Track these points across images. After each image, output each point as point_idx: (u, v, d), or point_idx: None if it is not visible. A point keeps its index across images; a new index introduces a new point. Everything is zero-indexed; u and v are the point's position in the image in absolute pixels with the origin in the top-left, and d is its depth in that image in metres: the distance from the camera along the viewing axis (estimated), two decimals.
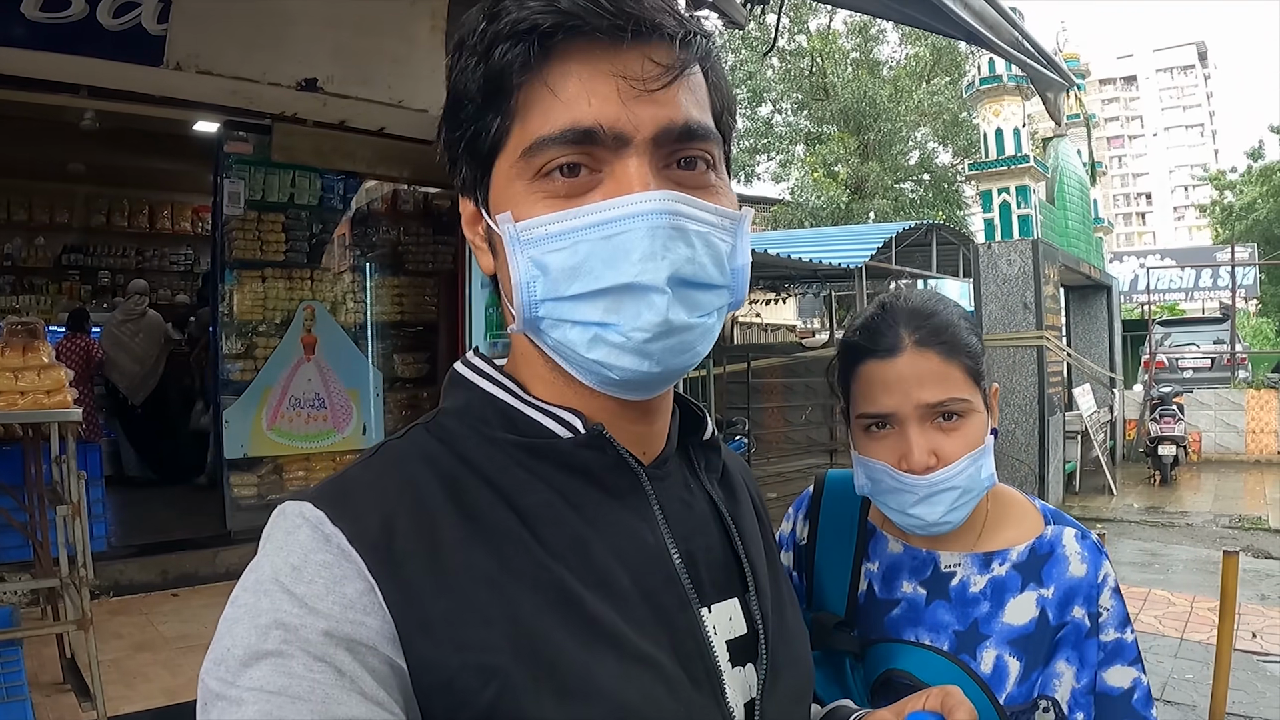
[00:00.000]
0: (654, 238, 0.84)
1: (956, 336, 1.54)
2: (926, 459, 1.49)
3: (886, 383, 1.52)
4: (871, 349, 1.54)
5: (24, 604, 5.35)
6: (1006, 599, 1.57)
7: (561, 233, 0.86)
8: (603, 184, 0.87)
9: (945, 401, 1.50)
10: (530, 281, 0.88)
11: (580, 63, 0.85)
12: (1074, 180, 15.55)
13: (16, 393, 4.14)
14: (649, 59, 0.86)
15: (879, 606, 1.64)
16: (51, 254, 10.35)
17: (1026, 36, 5.65)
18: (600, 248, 0.85)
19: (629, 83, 0.85)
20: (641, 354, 0.87)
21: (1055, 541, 1.61)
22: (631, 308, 0.85)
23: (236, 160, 7.35)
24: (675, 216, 0.86)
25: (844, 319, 23.95)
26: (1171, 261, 33.94)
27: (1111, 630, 1.56)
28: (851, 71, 27.93)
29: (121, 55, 5.40)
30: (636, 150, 0.86)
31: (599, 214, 0.85)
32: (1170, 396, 14.79)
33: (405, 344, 8.77)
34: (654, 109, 0.86)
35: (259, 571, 0.81)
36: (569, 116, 0.85)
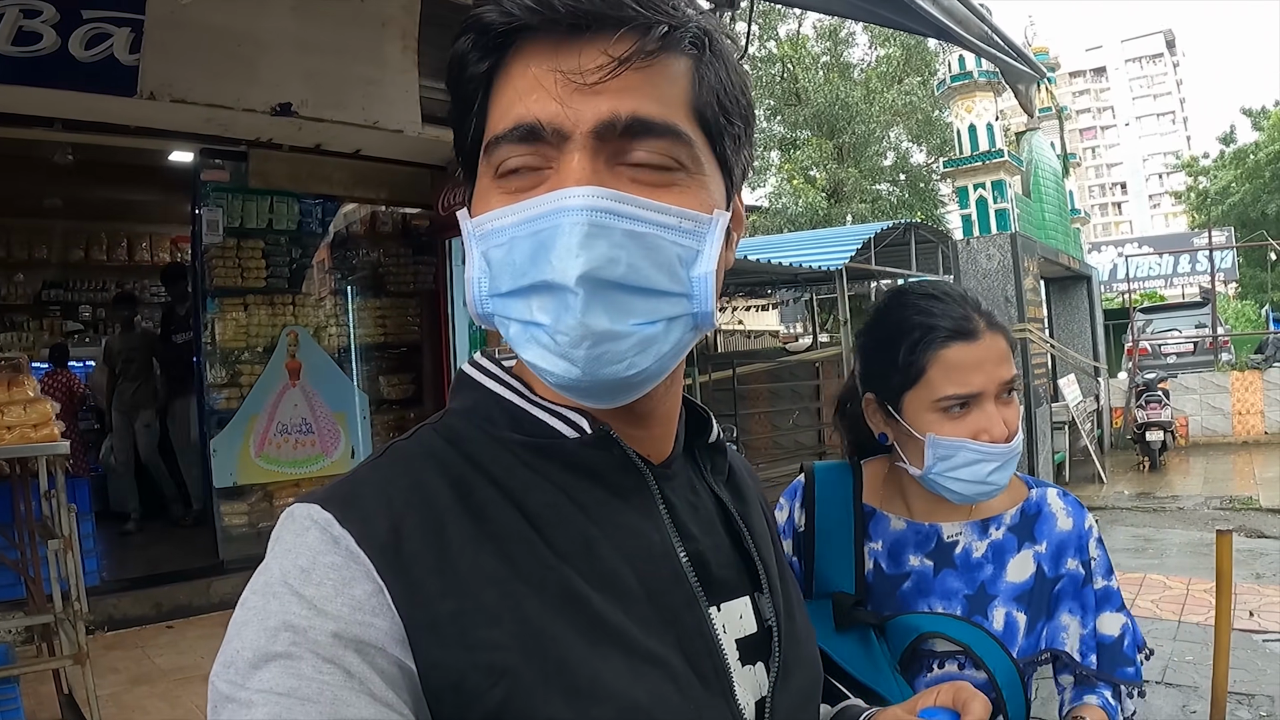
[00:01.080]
0: (570, 234, 0.81)
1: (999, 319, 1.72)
2: (1007, 430, 1.64)
3: (974, 363, 1.65)
4: (955, 335, 1.66)
5: (19, 641, 5.31)
6: (1007, 559, 1.73)
7: (499, 229, 0.86)
8: (548, 180, 0.85)
9: (1014, 377, 1.68)
10: (480, 276, 0.89)
11: (529, 59, 0.86)
12: (1049, 173, 15.63)
13: (3, 428, 4.12)
14: (603, 52, 0.83)
15: (889, 582, 1.76)
16: (31, 290, 10.32)
17: (996, 30, 5.67)
18: (528, 244, 0.84)
19: (567, 76, 0.83)
20: (566, 359, 0.84)
21: (1041, 502, 1.78)
22: (552, 308, 0.83)
23: (214, 188, 7.33)
24: (599, 213, 0.82)
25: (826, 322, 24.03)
26: (1149, 249, 34.20)
27: (1099, 578, 1.73)
28: (823, 75, 28.08)
29: (95, 87, 5.40)
30: (577, 145, 0.84)
31: (527, 210, 0.84)
32: (1155, 383, 14.83)
33: (390, 365, 8.76)
34: (596, 101, 0.84)
35: (268, 574, 0.81)
36: (516, 113, 0.85)
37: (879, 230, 13.47)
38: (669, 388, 0.97)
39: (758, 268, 12.77)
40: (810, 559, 1.80)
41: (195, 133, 6.52)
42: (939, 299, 1.71)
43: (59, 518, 4.21)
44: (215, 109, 5.98)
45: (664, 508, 0.96)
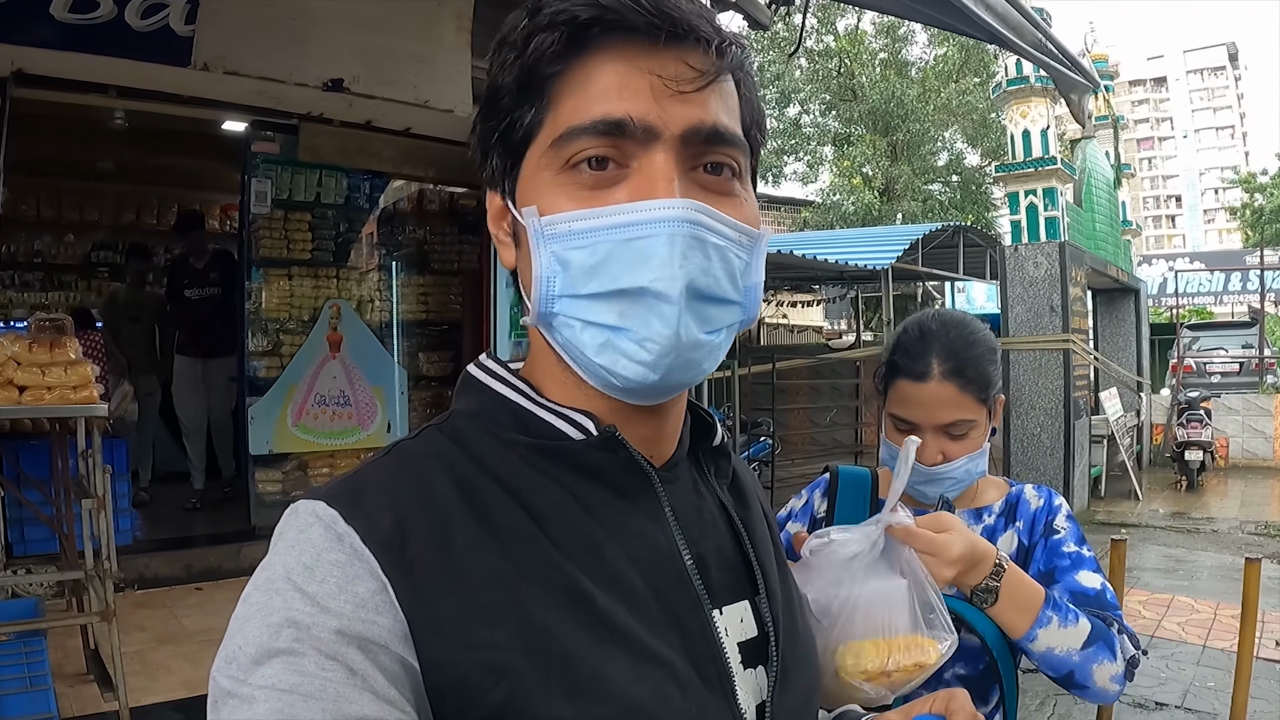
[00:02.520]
0: (673, 245, 0.84)
1: (974, 369, 1.93)
2: (935, 458, 1.93)
3: (915, 400, 1.94)
4: (906, 372, 1.96)
5: (49, 596, 5.41)
6: (997, 539, 1.99)
7: (584, 230, 0.86)
8: (628, 179, 0.87)
9: (956, 423, 1.92)
10: (550, 276, 0.88)
11: (615, 58, 0.87)
12: (1102, 182, 15.45)
13: (44, 388, 4.19)
14: (684, 62, 0.87)
15: None
16: (81, 252, 10.41)
17: (1050, 38, 5.64)
18: (620, 250, 0.85)
19: (663, 81, 0.86)
20: (648, 366, 0.87)
21: (1019, 492, 2.07)
22: (643, 316, 0.86)
23: (264, 159, 7.39)
24: (696, 226, 0.86)
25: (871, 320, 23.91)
26: (1200, 265, 33.77)
27: (1071, 544, 1.95)
28: (880, 72, 27.85)
29: (149, 56, 5.47)
30: (664, 146, 0.87)
31: (621, 215, 0.85)
32: (1198, 401, 14.64)
33: (430, 343, 8.83)
34: (685, 108, 0.87)
35: (271, 570, 0.82)
36: (601, 108, 0.86)
37: (927, 231, 13.39)
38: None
39: (804, 263, 12.73)
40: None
41: (247, 105, 6.58)
42: (920, 337, 1.98)
43: (94, 477, 4.27)
44: (267, 82, 6.04)
45: (669, 510, 0.96)
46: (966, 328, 2.00)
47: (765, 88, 28.28)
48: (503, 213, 0.97)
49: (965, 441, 1.93)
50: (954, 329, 1.98)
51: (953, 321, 2.03)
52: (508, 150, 0.93)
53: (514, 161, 0.93)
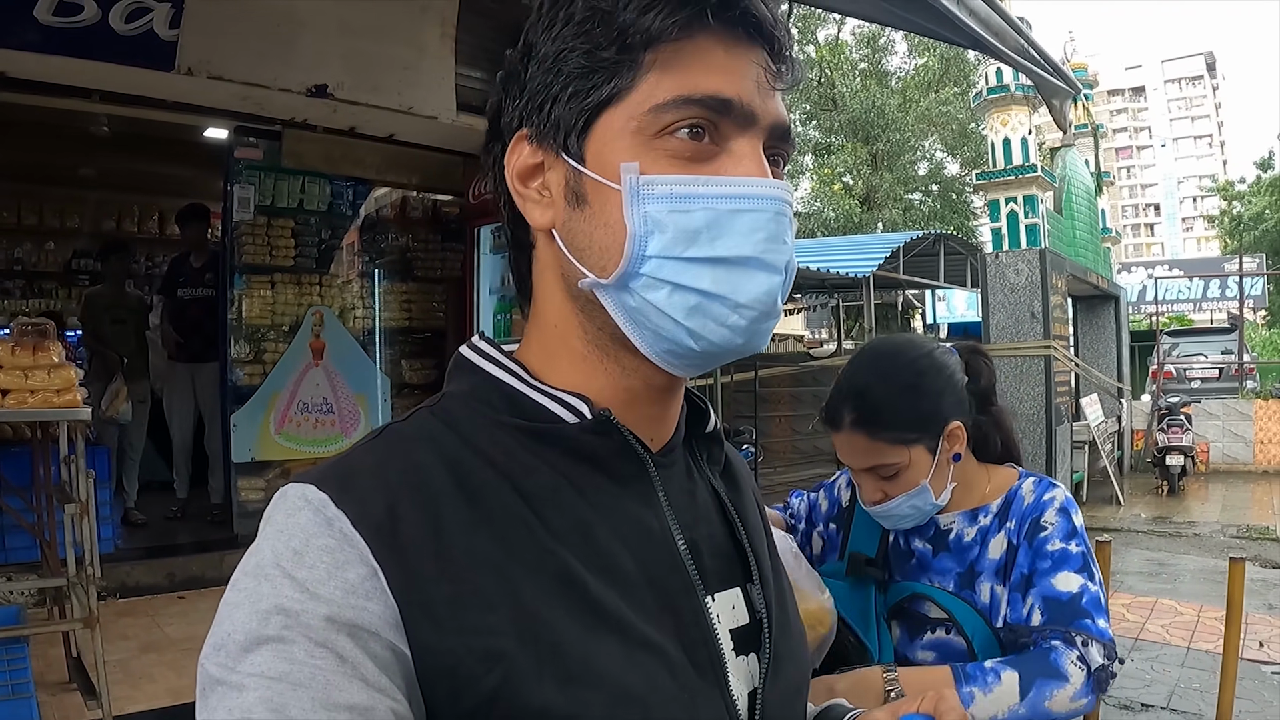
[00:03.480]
0: (779, 223, 0.89)
1: (886, 415, 1.93)
2: (874, 496, 1.98)
3: (838, 446, 1.98)
4: (827, 421, 2.00)
5: (31, 604, 5.37)
6: (989, 540, 1.98)
7: (689, 195, 0.87)
8: (722, 157, 0.89)
9: (875, 468, 1.95)
10: (645, 235, 0.87)
11: (726, 44, 0.89)
12: (1081, 190, 15.54)
13: (26, 391, 4.16)
14: (770, 60, 0.91)
15: (901, 556, 2.08)
16: (62, 259, 10.34)
17: (1033, 44, 5.67)
18: (727, 219, 0.87)
19: (765, 74, 0.90)
20: (737, 331, 0.89)
21: (1018, 489, 2.02)
22: (747, 282, 0.88)
23: (247, 166, 7.35)
24: (789, 206, 0.91)
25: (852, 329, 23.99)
26: (1180, 272, 33.92)
27: (1056, 540, 1.89)
28: (860, 82, 28.03)
29: (133, 60, 5.44)
30: (759, 132, 0.91)
31: (731, 187, 0.87)
32: (1178, 407, 14.70)
33: (413, 350, 8.78)
34: (773, 103, 0.92)
35: (259, 555, 0.81)
36: (712, 84, 0.87)
37: (908, 239, 13.45)
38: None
39: None
40: (847, 530, 2.18)
41: (231, 110, 6.54)
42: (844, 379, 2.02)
43: (77, 483, 4.24)
44: (251, 87, 6.02)
45: (662, 495, 0.96)
46: (890, 363, 2.01)
47: None
48: (536, 170, 0.95)
49: (898, 481, 1.94)
50: (876, 367, 2.01)
51: (878, 356, 2.06)
52: (582, 108, 0.91)
53: (589, 119, 0.91)
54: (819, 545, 2.28)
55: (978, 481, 2.05)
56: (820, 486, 2.36)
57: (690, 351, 0.91)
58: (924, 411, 1.94)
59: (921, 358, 2.00)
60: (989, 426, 2.11)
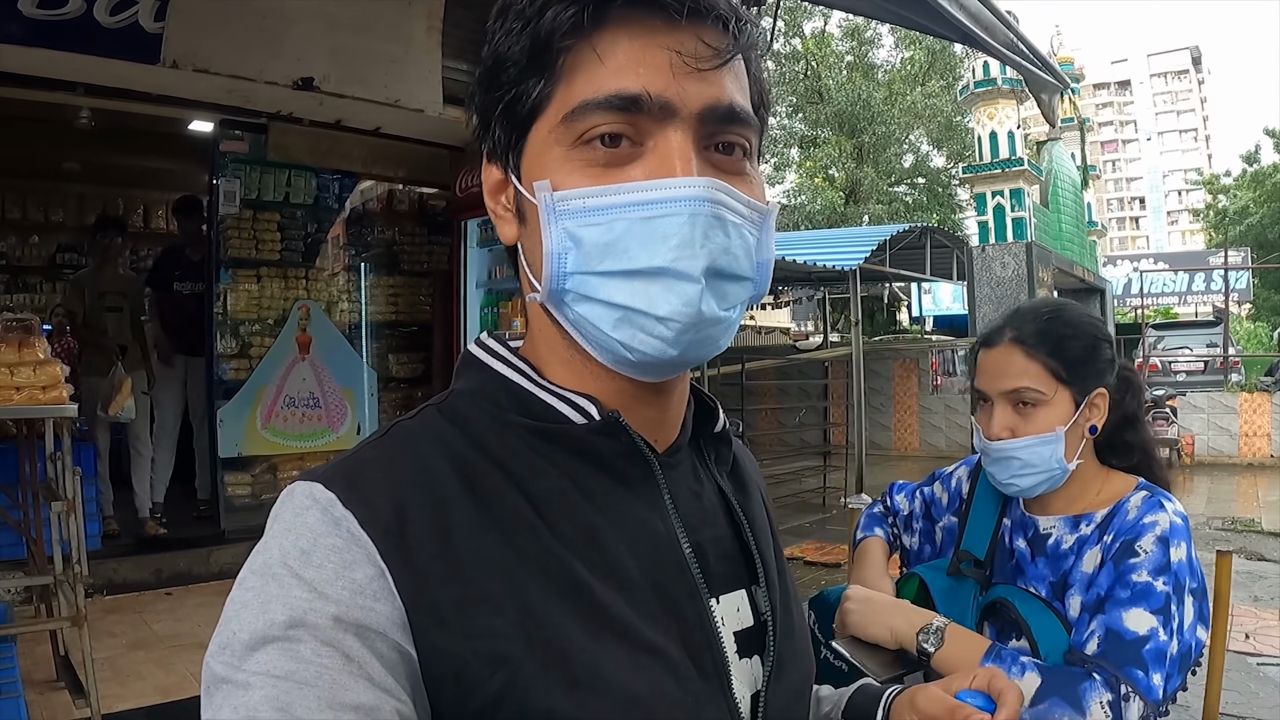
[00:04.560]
0: (694, 225, 0.84)
1: (1049, 342, 1.88)
2: (1000, 432, 1.89)
3: (985, 367, 1.95)
4: (983, 341, 1.98)
5: (18, 602, 5.35)
6: (1085, 552, 1.86)
7: (599, 208, 0.84)
8: (643, 157, 0.85)
9: (1018, 389, 1.88)
10: (562, 253, 0.86)
11: (632, 34, 0.84)
12: (1068, 184, 15.60)
13: (11, 388, 4.13)
14: (700, 39, 0.85)
15: (1004, 555, 2.01)
16: (46, 253, 10.30)
17: (1021, 38, 5.67)
18: (638, 228, 0.84)
19: (681, 58, 0.84)
20: (667, 342, 0.86)
21: (1125, 501, 1.88)
22: (662, 295, 0.84)
23: (232, 159, 7.32)
24: (716, 205, 0.85)
25: (838, 322, 24.03)
26: (1165, 265, 34.07)
27: (1144, 572, 1.73)
28: (846, 75, 28.04)
29: (118, 53, 5.42)
30: (681, 124, 0.85)
31: (640, 193, 0.84)
32: (1163, 400, 14.77)
33: (400, 344, 8.78)
34: (702, 86, 0.86)
35: (267, 554, 0.80)
36: (616, 83, 0.84)
37: (895, 232, 13.45)
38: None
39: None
40: (964, 523, 2.10)
41: (216, 103, 6.55)
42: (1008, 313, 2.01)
43: (63, 480, 4.21)
44: (237, 80, 6.01)
45: (668, 498, 0.95)
46: (1059, 310, 1.96)
47: None
48: (502, 186, 0.95)
49: (1034, 419, 1.87)
50: (1044, 308, 1.97)
51: (1047, 303, 2.05)
52: (513, 123, 0.90)
53: (519, 134, 0.90)
54: (941, 539, 2.23)
55: (1091, 484, 1.95)
56: (935, 478, 2.31)
57: (630, 363, 0.89)
58: (1084, 358, 1.89)
59: (1087, 317, 1.97)
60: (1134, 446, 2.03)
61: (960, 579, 2.02)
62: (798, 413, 15.76)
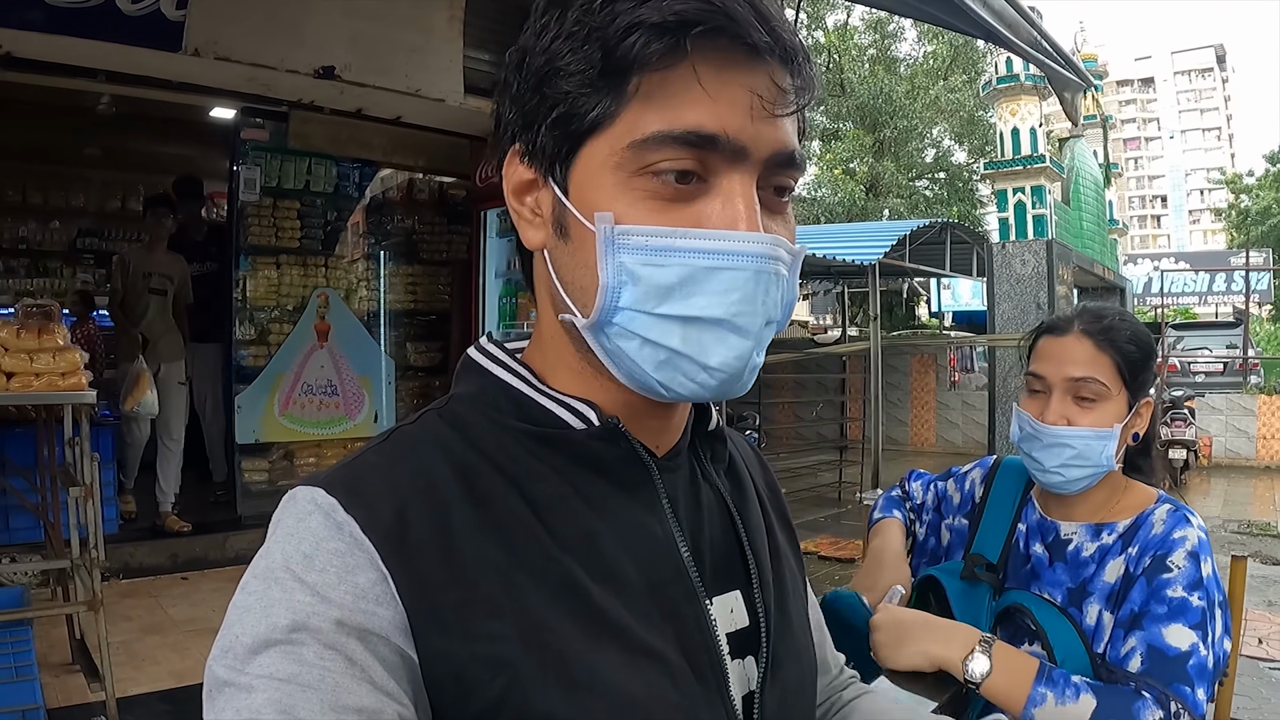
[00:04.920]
0: (758, 282, 0.84)
1: (1118, 340, 1.91)
2: (1057, 419, 1.90)
3: (1050, 354, 1.95)
4: (1049, 327, 2.00)
5: (34, 585, 5.38)
6: (1107, 561, 1.89)
7: (664, 249, 0.83)
8: (708, 196, 0.84)
9: (1086, 379, 1.89)
10: (617, 287, 0.84)
11: (715, 67, 0.82)
12: (1089, 181, 15.51)
13: (31, 374, 4.16)
14: (773, 79, 0.84)
15: (1019, 560, 2.03)
16: (66, 238, 10.37)
17: (1045, 36, 5.64)
18: (702, 276, 0.83)
19: (761, 101, 0.83)
20: (708, 389, 0.86)
21: (1150, 513, 1.91)
22: (716, 345, 0.84)
23: (253, 147, 7.34)
24: (776, 262, 0.85)
25: (857, 316, 23.98)
26: (1186, 265, 33.90)
27: (1179, 588, 1.75)
28: (868, 68, 27.89)
29: (140, 40, 5.44)
30: (750, 168, 0.85)
31: (709, 242, 0.83)
32: (1181, 400, 14.65)
33: (418, 332, 8.82)
34: (772, 130, 0.85)
35: (270, 559, 0.80)
36: (695, 118, 0.82)
37: (915, 228, 13.41)
38: None
39: None
40: (976, 526, 2.14)
41: (237, 91, 6.55)
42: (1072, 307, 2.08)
43: (81, 465, 4.24)
44: (258, 69, 6.02)
45: (667, 502, 0.95)
46: (1125, 315, 2.00)
47: None
48: (530, 187, 0.92)
49: (1093, 410, 1.89)
50: (1111, 310, 2.00)
51: (1112, 307, 2.04)
52: (565, 134, 0.87)
53: (572, 148, 0.87)
54: (947, 538, 2.24)
55: (1114, 493, 1.97)
56: (949, 475, 2.32)
57: (663, 397, 0.89)
58: (1142, 365, 1.92)
59: (1150, 334, 2.00)
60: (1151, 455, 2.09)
61: (974, 583, 2.03)
62: (814, 407, 15.75)
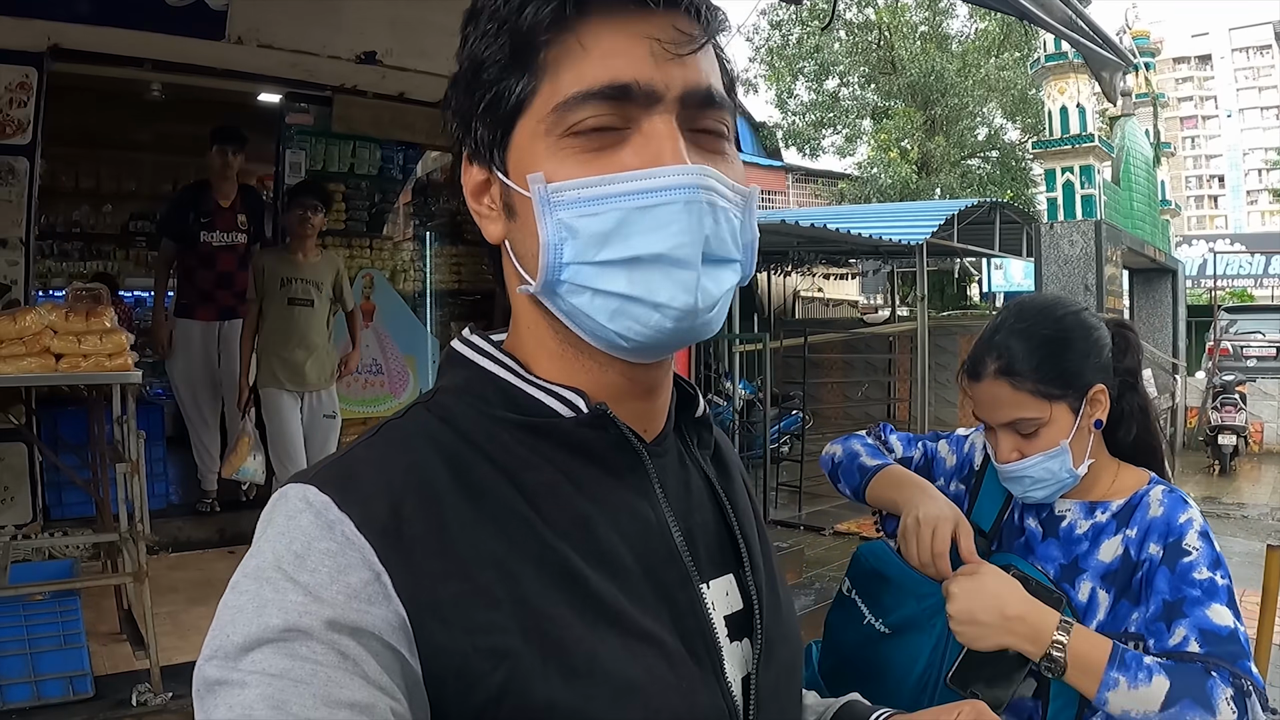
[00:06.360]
0: (690, 212, 0.85)
1: (1029, 360, 1.87)
2: (1009, 455, 1.91)
3: (977, 400, 1.95)
4: (969, 371, 1.97)
5: (85, 557, 5.51)
6: (1102, 540, 1.90)
7: (595, 198, 0.85)
8: (631, 142, 0.87)
9: (1014, 422, 1.89)
10: (558, 243, 0.87)
11: (612, 25, 0.86)
12: (1140, 161, 15.27)
13: (80, 355, 4.27)
14: (675, 26, 0.87)
15: (1013, 532, 2.04)
16: (119, 221, 10.50)
17: (1082, 15, 5.58)
18: (635, 217, 0.85)
19: (661, 45, 0.86)
20: (664, 331, 0.87)
21: (1145, 494, 1.92)
22: (661, 281, 0.85)
23: (298, 131, 7.44)
24: (709, 192, 0.86)
25: (907, 295, 23.81)
26: (1241, 246, 33.30)
27: (1204, 569, 1.75)
28: (919, 45, 27.62)
29: (184, 30, 5.53)
30: (666, 107, 0.87)
31: (635, 183, 0.85)
32: (1233, 385, 14.49)
33: (462, 312, 8.84)
34: (682, 71, 0.88)
35: (260, 558, 0.81)
36: (605, 73, 0.85)
37: (964, 207, 13.31)
38: (668, 360, 1.00)
39: (838, 237, 12.70)
40: (975, 494, 2.12)
41: (281, 77, 6.64)
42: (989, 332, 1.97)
43: (128, 442, 4.36)
44: (301, 55, 6.10)
45: (658, 486, 0.97)
46: (1038, 317, 1.94)
47: (804, 60, 28.19)
48: (485, 186, 0.97)
49: (1037, 440, 1.88)
50: (1022, 319, 1.94)
51: (1025, 309, 1.98)
52: (496, 120, 0.92)
53: (504, 131, 0.92)
54: None
55: (1104, 473, 1.97)
56: (943, 438, 2.27)
57: (623, 349, 0.91)
58: (1069, 367, 1.88)
59: (1069, 315, 1.94)
60: (1128, 412, 2.01)
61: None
62: (862, 386, 15.70)
